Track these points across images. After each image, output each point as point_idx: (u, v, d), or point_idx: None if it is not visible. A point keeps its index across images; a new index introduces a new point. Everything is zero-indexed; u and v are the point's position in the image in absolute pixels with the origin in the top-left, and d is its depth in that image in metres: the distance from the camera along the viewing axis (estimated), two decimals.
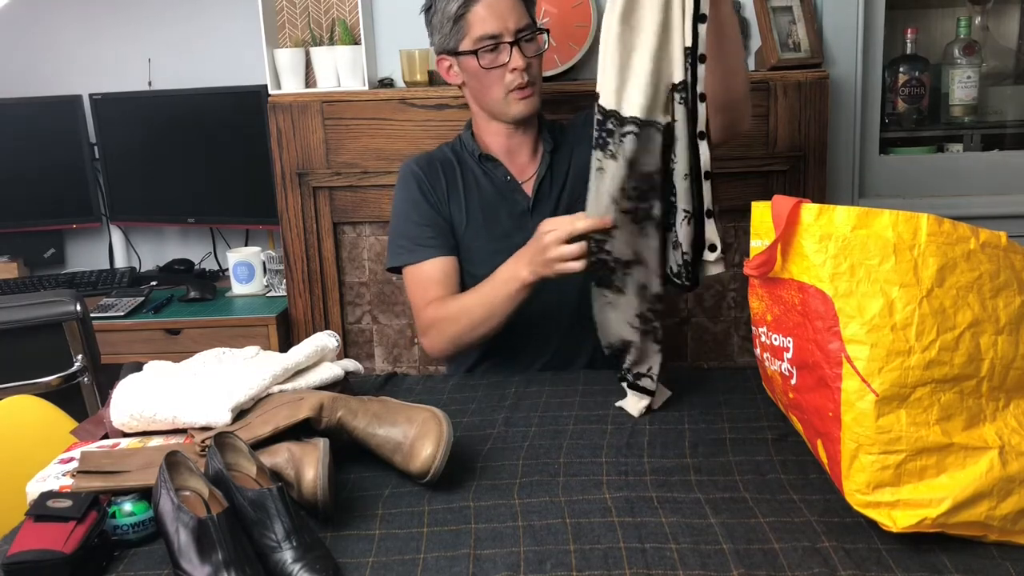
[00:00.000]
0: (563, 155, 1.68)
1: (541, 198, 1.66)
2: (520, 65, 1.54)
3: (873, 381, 0.91)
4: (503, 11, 1.54)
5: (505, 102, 1.59)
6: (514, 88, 1.56)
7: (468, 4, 1.54)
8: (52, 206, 2.75)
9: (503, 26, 1.54)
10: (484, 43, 1.54)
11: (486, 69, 1.56)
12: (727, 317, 2.29)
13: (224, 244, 2.80)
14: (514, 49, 1.54)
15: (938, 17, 2.57)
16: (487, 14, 1.54)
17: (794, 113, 2.13)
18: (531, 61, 1.57)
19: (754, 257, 1.07)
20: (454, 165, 1.69)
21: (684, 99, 1.24)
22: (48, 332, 1.89)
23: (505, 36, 1.54)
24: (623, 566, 0.92)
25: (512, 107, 1.59)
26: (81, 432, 1.30)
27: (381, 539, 1.00)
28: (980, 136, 2.56)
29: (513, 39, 1.54)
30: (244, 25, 2.51)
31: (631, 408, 1.32)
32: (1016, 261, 0.95)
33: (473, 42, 1.55)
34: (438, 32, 1.60)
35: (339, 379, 1.34)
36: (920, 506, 0.91)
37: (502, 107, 1.60)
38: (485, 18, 1.54)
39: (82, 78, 2.71)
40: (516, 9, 1.55)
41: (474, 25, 1.55)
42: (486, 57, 1.55)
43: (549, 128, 1.71)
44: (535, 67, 1.58)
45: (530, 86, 1.57)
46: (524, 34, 1.56)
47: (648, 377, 1.31)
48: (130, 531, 1.00)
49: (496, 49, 1.55)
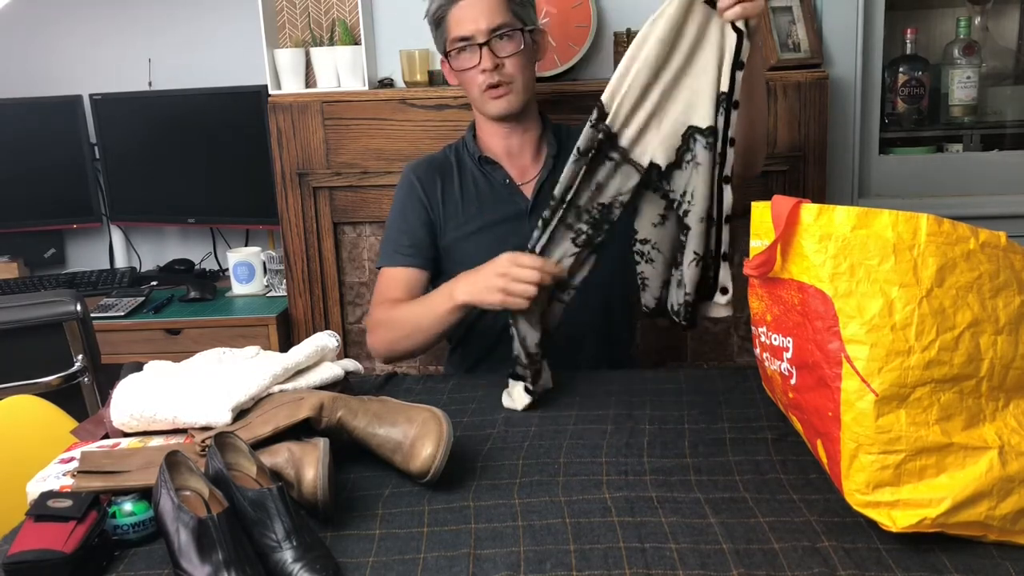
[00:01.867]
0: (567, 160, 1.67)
1: (541, 202, 1.65)
2: (487, 66, 1.56)
3: (873, 381, 0.91)
4: (476, 13, 1.55)
5: (481, 101, 1.61)
6: (486, 88, 1.58)
7: (445, 7, 1.58)
8: (52, 206, 2.75)
9: (475, 28, 1.55)
10: (456, 45, 1.58)
11: (458, 71, 1.60)
12: (727, 317, 2.29)
13: (224, 244, 2.80)
14: (483, 50, 1.55)
15: (938, 17, 2.57)
16: (461, 16, 1.56)
17: (794, 113, 2.13)
18: (503, 61, 1.57)
19: (754, 257, 1.07)
20: (453, 167, 1.70)
21: (710, 144, 1.26)
22: (48, 332, 1.89)
23: (477, 37, 1.56)
24: (623, 566, 0.92)
25: (487, 106, 1.60)
26: (81, 432, 1.30)
27: (381, 539, 1.00)
28: (980, 136, 2.56)
29: (485, 39, 1.55)
30: (244, 25, 2.51)
31: (515, 402, 1.34)
32: (1016, 261, 0.95)
33: (448, 44, 1.59)
34: (432, 35, 1.65)
35: (339, 379, 1.34)
36: (920, 506, 0.91)
37: (480, 106, 1.63)
38: (459, 20, 1.57)
39: (82, 78, 2.71)
40: (491, 9, 1.56)
41: (451, 27, 1.58)
42: (458, 59, 1.59)
43: (555, 131, 1.71)
44: (508, 66, 1.58)
45: (504, 85, 1.58)
46: (497, 33, 1.56)
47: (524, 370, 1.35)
48: (130, 531, 1.00)
49: (467, 51, 1.57)
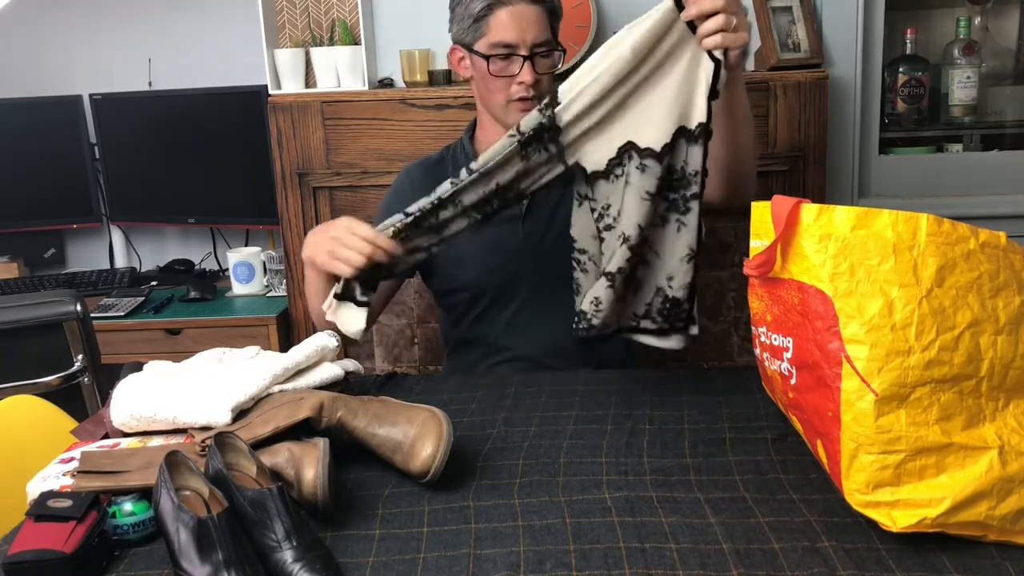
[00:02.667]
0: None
1: (535, 205, 1.63)
2: (528, 80, 1.52)
3: (873, 381, 0.91)
4: (525, 23, 1.51)
5: (505, 109, 1.57)
6: (517, 99, 1.55)
7: (493, 7, 1.51)
8: (52, 206, 2.75)
9: (521, 38, 1.51)
10: (498, 50, 1.52)
11: (494, 76, 1.54)
12: (727, 317, 2.29)
13: (224, 244, 2.80)
14: (526, 63, 1.52)
15: (938, 17, 2.57)
16: (509, 22, 1.51)
17: (794, 113, 2.14)
18: (541, 77, 1.54)
19: (754, 257, 1.07)
20: (448, 168, 1.67)
21: (645, 167, 1.25)
22: (48, 332, 1.89)
23: (521, 48, 1.52)
24: (623, 566, 0.92)
25: (511, 116, 1.56)
26: (81, 432, 1.30)
27: (381, 539, 1.00)
28: (980, 136, 2.56)
29: (528, 52, 1.52)
30: (244, 25, 2.52)
31: (349, 324, 1.37)
32: (1016, 261, 0.95)
33: (488, 46, 1.53)
34: (458, 23, 1.58)
35: (339, 379, 1.34)
36: (920, 506, 0.91)
37: (501, 113, 1.59)
38: (506, 25, 1.51)
39: (82, 78, 2.71)
40: (539, 23, 1.52)
41: (493, 29, 1.52)
42: (497, 64, 1.53)
43: None
44: (544, 83, 1.55)
45: (534, 100, 1.53)
46: (541, 50, 1.53)
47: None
48: (130, 531, 1.00)
49: (509, 59, 1.53)
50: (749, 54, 2.29)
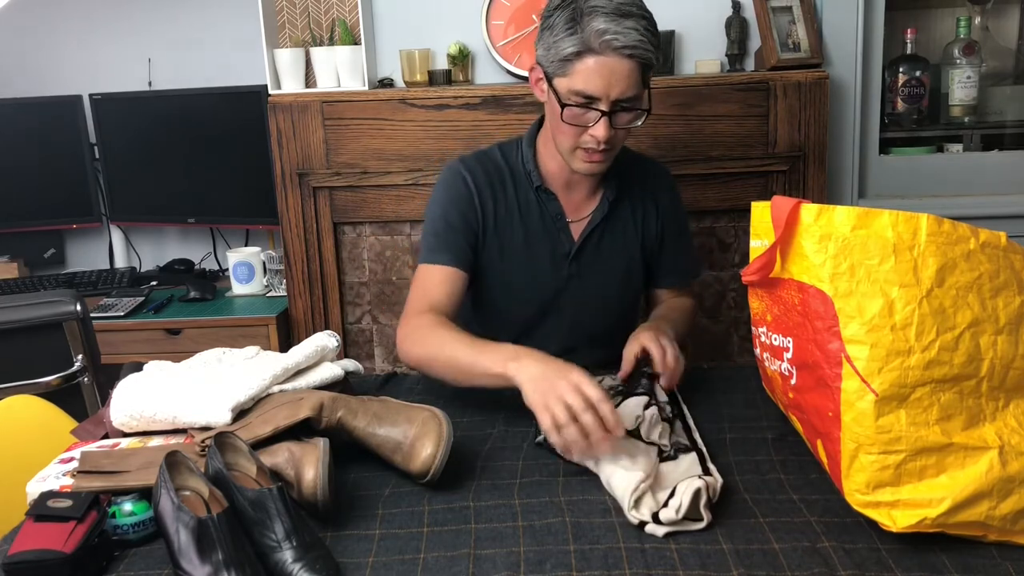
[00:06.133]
0: (624, 210, 1.58)
1: (586, 246, 1.56)
2: (602, 136, 1.39)
3: (873, 381, 0.91)
4: (612, 77, 1.36)
5: (571, 155, 1.46)
6: (584, 148, 1.43)
7: (582, 54, 1.35)
8: (52, 206, 2.75)
9: (604, 92, 1.36)
10: (578, 99, 1.38)
11: (567, 123, 1.41)
12: (727, 317, 2.29)
13: (224, 244, 2.80)
14: (604, 119, 1.38)
15: (938, 17, 2.57)
16: (596, 73, 1.36)
17: (794, 113, 2.14)
18: (617, 132, 1.42)
19: (752, 263, 1.07)
20: (508, 181, 1.56)
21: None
22: (48, 332, 1.89)
23: (601, 103, 1.37)
24: (623, 566, 0.92)
25: (575, 163, 1.46)
26: (81, 432, 1.30)
27: (381, 539, 1.00)
28: (980, 136, 2.56)
29: (608, 108, 1.37)
30: (244, 25, 2.52)
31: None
32: (1016, 261, 0.95)
33: (568, 91, 1.38)
34: (544, 49, 1.42)
35: (339, 379, 1.34)
36: (920, 506, 0.91)
37: (568, 158, 1.47)
38: (591, 76, 1.36)
39: (82, 78, 2.71)
40: (628, 79, 1.36)
41: (577, 74, 1.36)
42: (572, 111, 1.39)
43: (617, 173, 1.56)
44: (618, 138, 1.44)
45: (603, 153, 1.43)
46: (623, 105, 1.39)
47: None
48: (130, 531, 1.00)
49: (586, 109, 1.39)
50: (749, 52, 2.29)
